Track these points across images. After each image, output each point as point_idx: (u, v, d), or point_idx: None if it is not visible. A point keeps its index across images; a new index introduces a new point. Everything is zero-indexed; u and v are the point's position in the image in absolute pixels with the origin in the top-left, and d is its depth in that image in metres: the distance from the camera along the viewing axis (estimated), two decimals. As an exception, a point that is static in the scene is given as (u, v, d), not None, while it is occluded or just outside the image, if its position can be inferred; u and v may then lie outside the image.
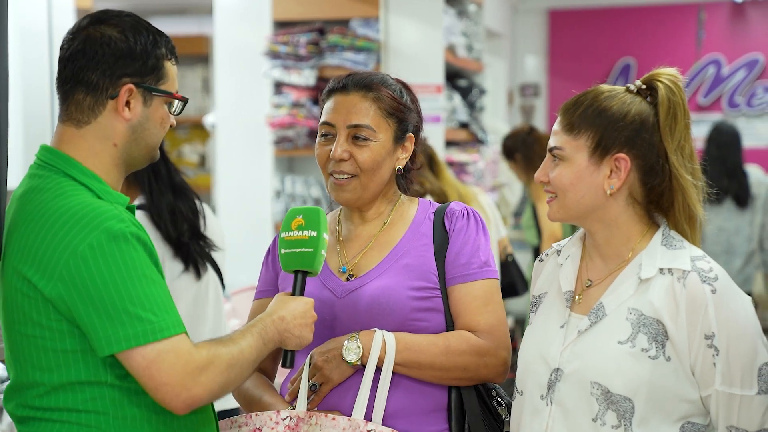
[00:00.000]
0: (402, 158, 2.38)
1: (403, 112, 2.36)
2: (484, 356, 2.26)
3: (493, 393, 2.33)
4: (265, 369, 2.43)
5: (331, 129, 2.34)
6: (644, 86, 2.11)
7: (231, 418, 2.24)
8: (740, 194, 6.17)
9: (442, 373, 2.25)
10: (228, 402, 3.35)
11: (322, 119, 2.36)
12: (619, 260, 2.12)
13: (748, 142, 9.35)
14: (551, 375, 2.10)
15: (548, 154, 2.13)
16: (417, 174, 2.50)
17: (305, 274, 2.19)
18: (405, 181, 2.46)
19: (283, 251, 2.21)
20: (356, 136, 2.31)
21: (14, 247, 1.96)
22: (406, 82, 2.46)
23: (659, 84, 2.08)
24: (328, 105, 2.36)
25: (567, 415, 2.07)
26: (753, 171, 6.40)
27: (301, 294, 2.18)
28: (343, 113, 2.33)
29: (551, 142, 2.12)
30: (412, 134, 2.39)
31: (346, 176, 2.32)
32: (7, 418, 3.11)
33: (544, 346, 2.14)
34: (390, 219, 2.39)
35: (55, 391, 1.94)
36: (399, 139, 2.36)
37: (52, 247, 1.89)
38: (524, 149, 6.08)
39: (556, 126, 2.13)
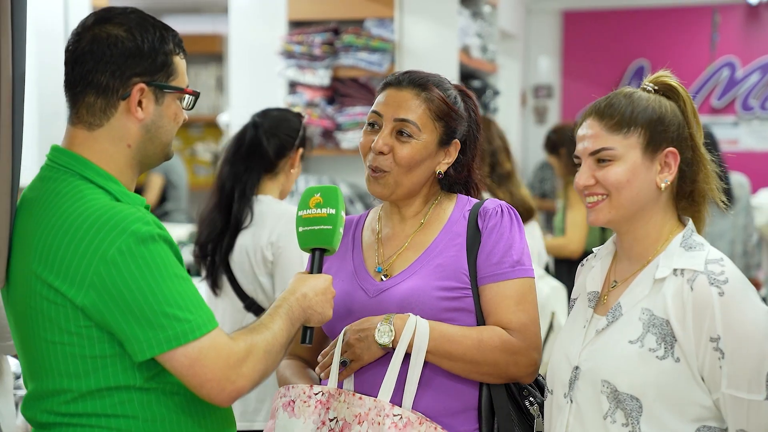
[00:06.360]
0: (444, 163, 2.38)
1: (452, 118, 2.37)
2: (515, 354, 2.26)
3: (525, 392, 2.32)
4: (307, 359, 2.45)
5: (378, 119, 2.36)
6: (656, 87, 2.15)
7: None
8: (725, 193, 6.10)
9: (471, 366, 2.24)
10: None
11: (372, 109, 2.38)
12: (644, 260, 2.13)
13: (762, 145, 9.34)
14: (572, 373, 2.13)
15: (588, 159, 2.12)
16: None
17: (323, 251, 2.20)
18: (468, 187, 2.45)
19: (300, 229, 2.22)
20: (401, 131, 2.33)
21: (33, 253, 1.92)
22: (468, 91, 2.47)
23: (672, 83, 2.15)
24: (380, 97, 2.38)
25: (582, 412, 2.10)
26: (732, 175, 6.41)
27: (319, 272, 2.19)
28: (393, 106, 2.34)
29: (595, 145, 2.11)
30: (458, 141, 2.39)
31: (380, 171, 2.33)
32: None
33: (568, 346, 2.17)
34: (427, 218, 2.39)
35: (83, 397, 1.93)
36: (444, 143, 2.37)
37: (79, 255, 1.86)
38: (571, 145, 6.02)
39: (592, 130, 2.12)
